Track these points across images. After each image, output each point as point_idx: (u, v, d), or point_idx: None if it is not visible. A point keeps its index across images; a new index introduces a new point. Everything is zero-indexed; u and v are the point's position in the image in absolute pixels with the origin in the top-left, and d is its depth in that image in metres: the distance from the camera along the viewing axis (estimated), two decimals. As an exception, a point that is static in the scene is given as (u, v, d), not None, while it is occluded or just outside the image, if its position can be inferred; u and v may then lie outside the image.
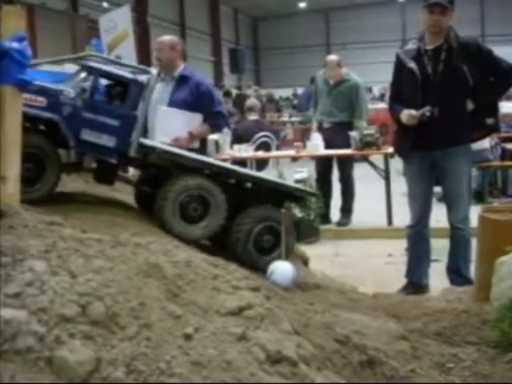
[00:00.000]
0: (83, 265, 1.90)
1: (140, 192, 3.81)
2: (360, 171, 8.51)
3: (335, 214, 8.28)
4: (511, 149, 10.00)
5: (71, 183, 4.14)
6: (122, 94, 3.22)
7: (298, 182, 7.79)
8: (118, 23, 5.13)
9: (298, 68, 19.26)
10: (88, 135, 3.11)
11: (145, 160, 3.31)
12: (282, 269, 3.04)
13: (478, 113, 4.82)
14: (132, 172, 4.65)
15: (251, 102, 10.00)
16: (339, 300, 3.76)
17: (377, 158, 8.70)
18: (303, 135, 12.85)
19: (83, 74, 3.32)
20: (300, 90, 13.94)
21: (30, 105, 2.97)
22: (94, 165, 3.48)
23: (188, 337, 1.71)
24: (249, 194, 3.57)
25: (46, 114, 3.01)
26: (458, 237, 5.00)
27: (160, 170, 3.41)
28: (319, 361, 2.00)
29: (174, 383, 1.55)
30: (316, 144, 8.08)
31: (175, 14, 26.84)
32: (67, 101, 3.09)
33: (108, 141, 3.14)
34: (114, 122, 3.13)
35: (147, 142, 3.31)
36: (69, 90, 3.12)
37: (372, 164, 8.47)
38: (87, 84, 3.19)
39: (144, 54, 22.39)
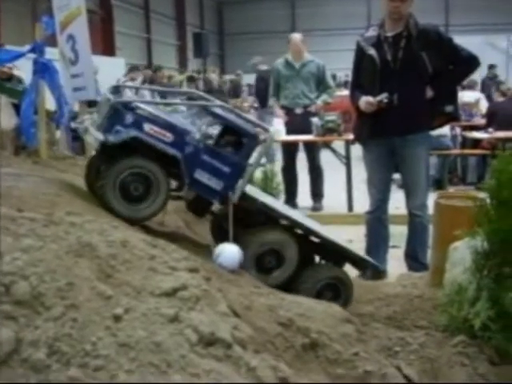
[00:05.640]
0: (11, 244, 1.82)
1: (217, 227, 3.91)
2: (321, 157, 8.50)
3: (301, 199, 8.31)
4: (471, 137, 10.10)
5: (19, 164, 4.04)
6: (234, 142, 3.36)
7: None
8: (71, 0, 5.00)
9: (262, 54, 19.13)
10: (200, 175, 3.26)
11: (239, 204, 3.40)
12: (228, 251, 2.99)
13: (437, 100, 4.82)
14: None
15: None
16: (291, 284, 3.73)
17: (338, 145, 8.70)
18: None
19: (206, 117, 3.45)
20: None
21: (158, 138, 3.13)
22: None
23: (117, 318, 1.65)
24: (315, 248, 3.71)
25: (172, 151, 3.16)
26: (415, 223, 5.01)
27: (247, 213, 3.52)
28: (259, 343, 1.95)
29: (98, 365, 1.48)
30: (278, 130, 8.03)
31: (140, -3, 26.49)
32: (191, 141, 3.23)
33: (216, 184, 3.29)
34: (225, 168, 3.29)
35: (249, 192, 3.44)
36: (195, 132, 3.28)
37: (333, 150, 8.49)
38: (210, 130, 3.33)
39: (108, 36, 22.14)
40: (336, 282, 3.49)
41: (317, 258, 3.83)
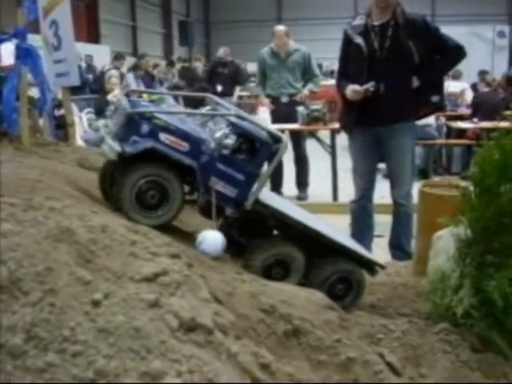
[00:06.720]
0: (-11, 228, 1.79)
1: (225, 233, 3.87)
2: (307, 146, 8.50)
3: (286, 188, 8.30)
4: (456, 127, 10.14)
5: (0, 150, 4.00)
6: (248, 149, 3.32)
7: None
8: (54, -15, 4.95)
9: (249, 42, 19.14)
10: (214, 183, 3.24)
11: (252, 209, 3.38)
12: (211, 238, 2.97)
13: (424, 90, 4.84)
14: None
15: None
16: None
17: (323, 134, 8.70)
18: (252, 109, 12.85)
19: (221, 124, 3.37)
20: (250, 65, 13.84)
21: (174, 148, 3.10)
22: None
23: (96, 303, 1.63)
24: (325, 249, 3.64)
25: (187, 160, 3.14)
26: (400, 212, 5.04)
27: (259, 216, 3.48)
28: (240, 330, 1.95)
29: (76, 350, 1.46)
30: (263, 118, 8.02)
31: (125, -15, 26.32)
32: (206, 150, 3.20)
33: (230, 191, 3.28)
34: (239, 176, 3.28)
35: (262, 198, 3.38)
36: (210, 141, 3.24)
37: (319, 139, 8.49)
38: (225, 139, 3.26)
39: (93, 23, 21.97)
40: (348, 276, 3.48)
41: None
